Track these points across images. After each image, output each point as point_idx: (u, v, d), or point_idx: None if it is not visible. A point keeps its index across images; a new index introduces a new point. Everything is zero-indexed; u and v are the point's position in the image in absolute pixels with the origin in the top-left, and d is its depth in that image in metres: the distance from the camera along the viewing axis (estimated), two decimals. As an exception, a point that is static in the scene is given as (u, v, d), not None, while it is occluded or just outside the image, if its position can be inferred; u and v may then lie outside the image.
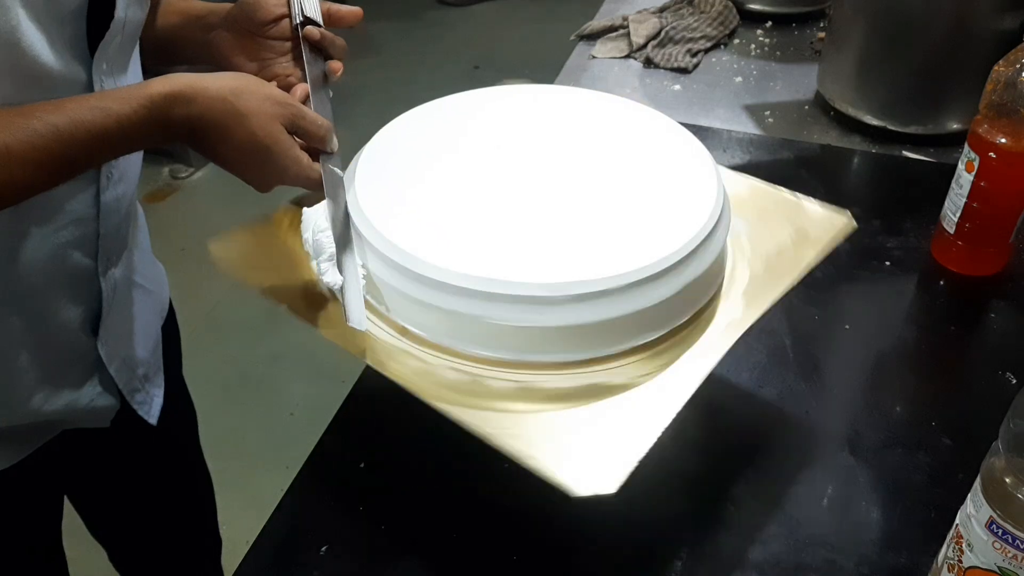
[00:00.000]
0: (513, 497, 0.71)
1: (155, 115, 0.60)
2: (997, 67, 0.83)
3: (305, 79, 0.74)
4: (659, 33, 1.35)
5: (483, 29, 3.43)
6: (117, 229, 0.74)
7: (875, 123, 1.14)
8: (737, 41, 1.39)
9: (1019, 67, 0.81)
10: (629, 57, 1.34)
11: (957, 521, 0.57)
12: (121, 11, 0.65)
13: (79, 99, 0.59)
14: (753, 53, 1.35)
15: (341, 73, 0.75)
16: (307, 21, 0.75)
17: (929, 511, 0.69)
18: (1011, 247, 0.92)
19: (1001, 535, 0.52)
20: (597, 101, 0.81)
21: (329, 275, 0.65)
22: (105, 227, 0.72)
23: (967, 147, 0.87)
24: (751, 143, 1.14)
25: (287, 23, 0.76)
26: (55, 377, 0.74)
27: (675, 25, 1.36)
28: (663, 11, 1.42)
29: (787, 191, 0.79)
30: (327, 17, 0.76)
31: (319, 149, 0.68)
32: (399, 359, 0.64)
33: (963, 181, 0.88)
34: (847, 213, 0.74)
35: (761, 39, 1.38)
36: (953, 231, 0.91)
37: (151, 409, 0.85)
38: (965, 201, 0.88)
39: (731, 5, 1.40)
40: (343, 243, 0.66)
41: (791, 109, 1.22)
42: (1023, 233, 0.91)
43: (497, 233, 0.65)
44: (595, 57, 1.34)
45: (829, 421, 0.78)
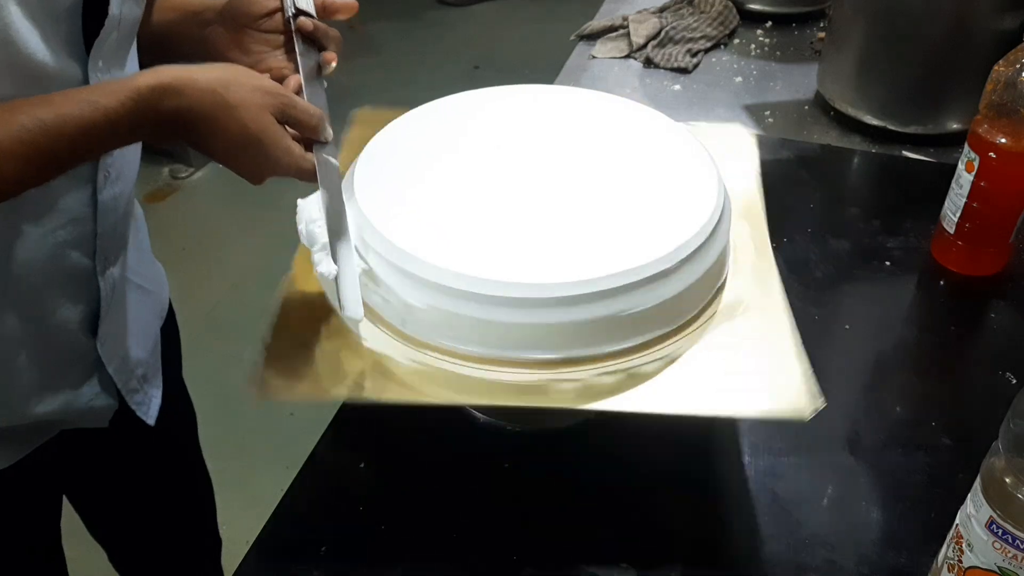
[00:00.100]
0: (513, 497, 0.71)
1: (142, 108, 0.59)
2: (997, 67, 0.83)
3: (299, 71, 0.73)
4: (659, 33, 1.34)
5: (483, 29, 3.43)
6: (115, 228, 0.74)
7: (875, 123, 1.14)
8: (737, 41, 1.39)
9: (1019, 67, 0.81)
10: (629, 57, 1.34)
11: (957, 521, 0.57)
12: (115, 8, 0.65)
13: (67, 93, 0.59)
14: (753, 53, 1.35)
15: (335, 64, 0.74)
16: (300, 13, 0.74)
17: (929, 511, 0.69)
18: (1011, 247, 0.92)
19: (1001, 535, 0.52)
20: (597, 101, 0.81)
21: (323, 265, 0.64)
22: (103, 226, 0.72)
23: (967, 147, 0.87)
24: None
25: (280, 16, 0.75)
26: (54, 377, 0.74)
27: (675, 25, 1.36)
28: (663, 11, 1.42)
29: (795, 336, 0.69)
30: (320, 9, 0.75)
31: (312, 139, 0.67)
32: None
33: (963, 181, 0.88)
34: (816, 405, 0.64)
35: (761, 39, 1.38)
36: (953, 231, 0.91)
37: (149, 410, 0.85)
38: (965, 201, 0.88)
39: (731, 5, 1.40)
40: (337, 232, 0.65)
41: (791, 109, 1.22)
42: (1023, 233, 0.91)
43: (497, 233, 0.65)
44: (595, 57, 1.34)
45: (829, 421, 0.78)
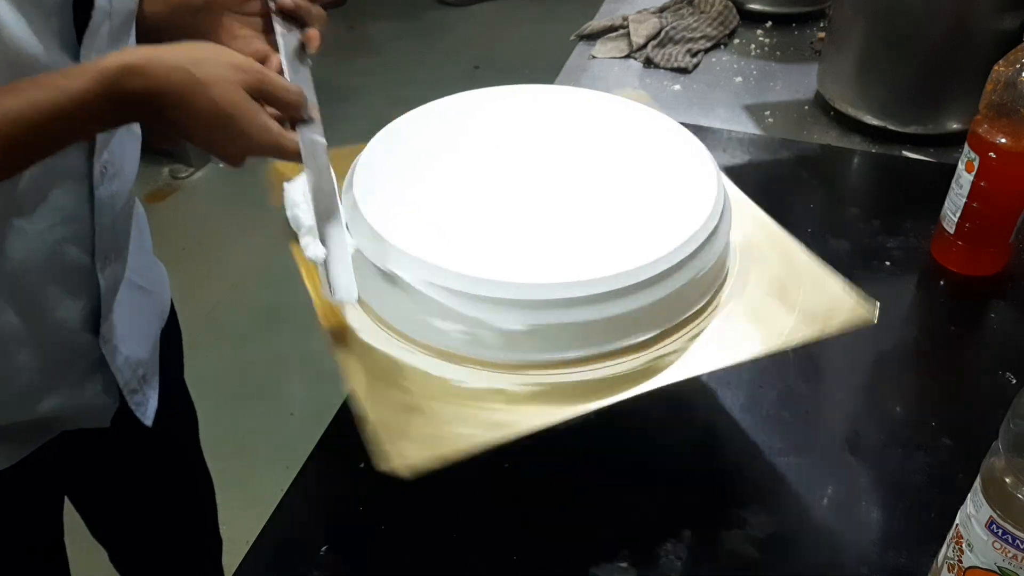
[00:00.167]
0: (513, 497, 0.71)
1: (109, 90, 0.57)
2: (997, 67, 0.83)
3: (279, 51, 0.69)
4: (659, 33, 1.35)
5: (483, 29, 3.43)
6: (113, 225, 0.74)
7: (875, 123, 1.14)
8: (737, 41, 1.39)
9: (1019, 67, 0.81)
10: (629, 57, 1.34)
11: (957, 521, 0.57)
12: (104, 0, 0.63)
13: (35, 79, 0.58)
14: (753, 53, 1.35)
15: (319, 43, 0.70)
16: None
17: (929, 511, 0.69)
18: (1011, 247, 0.92)
19: (1001, 535, 0.52)
20: (597, 101, 0.81)
21: (311, 249, 0.62)
22: (101, 223, 0.71)
23: (967, 147, 0.87)
24: (751, 143, 1.14)
25: None
26: (55, 374, 0.74)
27: (675, 25, 1.36)
28: (663, 11, 1.42)
29: (817, 261, 0.70)
30: None
31: (295, 118, 0.64)
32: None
33: (963, 181, 0.88)
34: (875, 306, 0.65)
35: (761, 39, 1.38)
36: (953, 231, 0.91)
37: (147, 411, 0.84)
38: (965, 201, 0.88)
39: (731, 5, 1.40)
40: (326, 213, 0.64)
41: (791, 109, 1.22)
42: (1023, 233, 0.91)
43: (497, 234, 0.65)
44: (595, 57, 1.34)
45: (829, 421, 0.78)
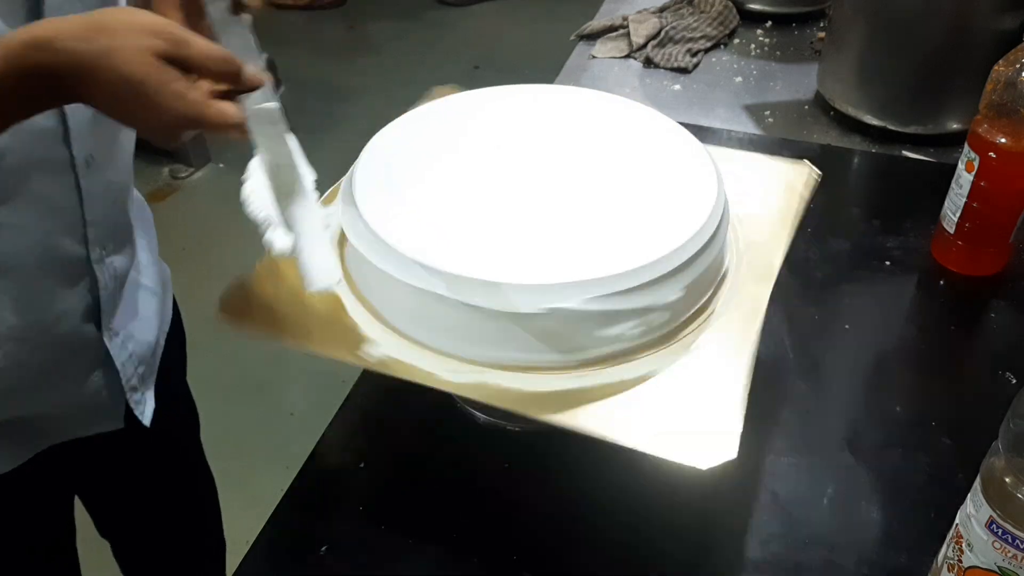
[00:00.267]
0: (513, 497, 0.71)
1: (15, 68, 0.52)
2: (997, 67, 0.83)
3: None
4: (659, 33, 1.35)
5: (483, 29, 3.43)
6: (107, 216, 0.72)
7: (875, 123, 1.14)
8: (737, 41, 1.39)
9: (1019, 67, 0.81)
10: (629, 57, 1.34)
11: (957, 521, 0.57)
12: None
13: None
14: (753, 53, 1.35)
15: (260, 2, 0.61)
16: None
17: (929, 511, 0.69)
18: (1011, 247, 0.92)
19: (1001, 535, 0.52)
20: (597, 101, 0.81)
21: (277, 242, 0.55)
22: (92, 214, 0.70)
23: (967, 147, 0.87)
24: (751, 143, 1.14)
25: None
26: (56, 370, 0.74)
27: (675, 25, 1.36)
28: (663, 11, 1.42)
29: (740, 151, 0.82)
30: None
31: (231, 86, 0.56)
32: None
33: (963, 181, 0.88)
34: (806, 163, 0.78)
35: (761, 39, 1.38)
36: (953, 231, 0.91)
37: (145, 410, 0.84)
38: (965, 201, 0.88)
39: (731, 5, 1.40)
40: (287, 191, 0.57)
41: (791, 109, 1.22)
42: (1023, 233, 0.91)
43: (497, 234, 0.65)
44: (595, 57, 1.34)
45: (829, 421, 0.78)
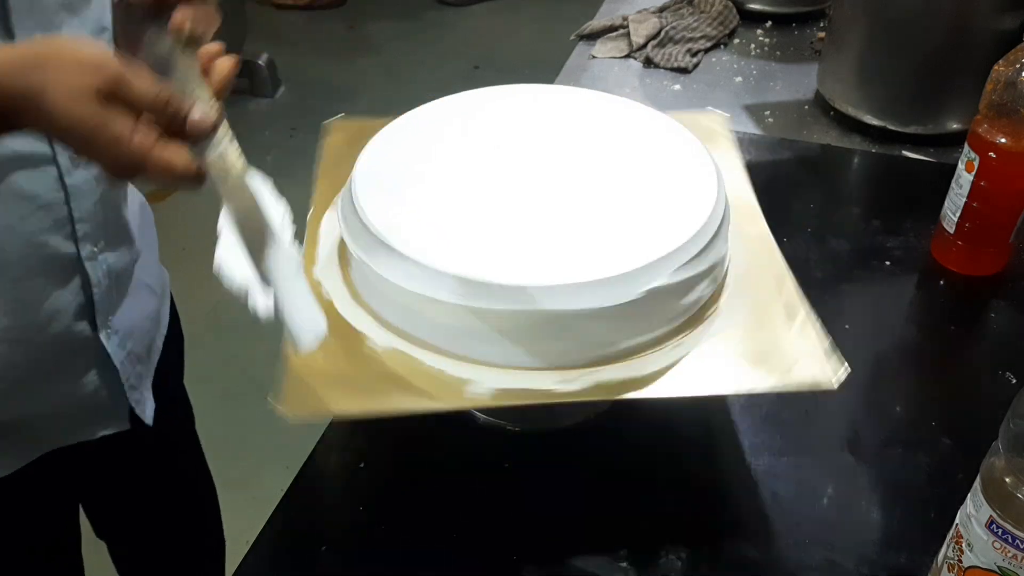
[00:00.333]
0: (513, 497, 0.71)
1: None
2: (997, 67, 0.83)
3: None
4: (659, 33, 1.34)
5: (483, 29, 3.43)
6: (95, 213, 0.71)
7: (875, 123, 1.14)
8: (737, 41, 1.39)
9: (1019, 67, 0.81)
10: (629, 57, 1.34)
11: (957, 521, 0.57)
12: None
13: None
14: (753, 53, 1.35)
15: (204, 23, 0.54)
16: None
17: (929, 511, 0.68)
18: (1011, 247, 0.92)
19: (1001, 535, 0.52)
20: (597, 101, 0.81)
21: (259, 305, 0.51)
22: (79, 210, 0.69)
23: (967, 147, 0.87)
24: (751, 143, 1.14)
25: None
26: (52, 369, 0.73)
27: (675, 25, 1.36)
28: (663, 11, 1.42)
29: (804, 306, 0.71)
30: None
31: (175, 128, 0.49)
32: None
33: (963, 181, 0.88)
34: (843, 369, 0.67)
35: (761, 39, 1.38)
36: (953, 231, 0.91)
37: (145, 409, 0.84)
38: (965, 201, 0.88)
39: (731, 5, 1.40)
40: (259, 244, 0.52)
41: (791, 109, 1.22)
42: (1023, 233, 0.91)
43: (497, 234, 0.65)
44: (595, 57, 1.34)
45: (829, 421, 0.78)
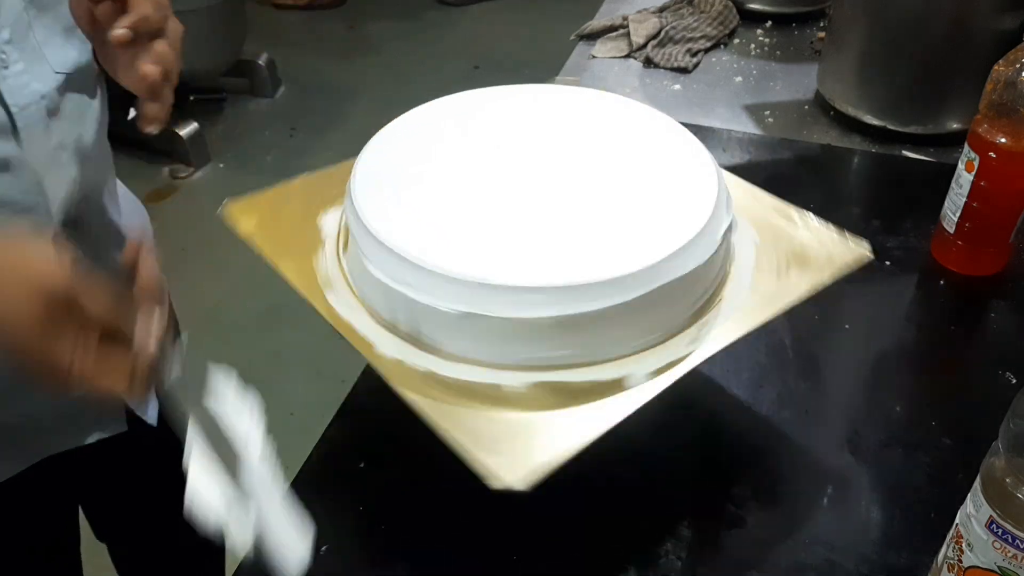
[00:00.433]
0: (513, 497, 0.71)
1: None
2: (997, 67, 0.83)
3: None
4: (659, 33, 1.35)
5: (483, 29, 3.43)
6: (79, 217, 0.71)
7: (875, 123, 1.14)
8: (737, 41, 1.39)
9: (1019, 67, 0.81)
10: (629, 57, 1.34)
11: (957, 521, 0.57)
12: None
13: None
14: (753, 53, 1.35)
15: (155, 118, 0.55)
16: None
17: (929, 511, 0.69)
18: (1011, 247, 0.92)
19: (1001, 535, 0.52)
20: (597, 101, 0.81)
21: (241, 535, 0.49)
22: (61, 214, 0.68)
23: (967, 147, 0.87)
24: (751, 143, 1.14)
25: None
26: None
27: (675, 25, 1.36)
28: (663, 11, 1.42)
29: (794, 208, 0.74)
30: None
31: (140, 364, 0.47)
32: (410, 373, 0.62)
33: (963, 181, 0.88)
34: (865, 244, 0.69)
35: (761, 39, 1.38)
36: (953, 231, 0.91)
37: (147, 409, 0.84)
38: (965, 201, 0.88)
39: (731, 5, 1.40)
40: (232, 462, 0.49)
41: (791, 109, 1.22)
42: (1023, 233, 0.91)
43: (497, 234, 0.65)
44: (595, 57, 1.34)
45: (829, 421, 0.78)
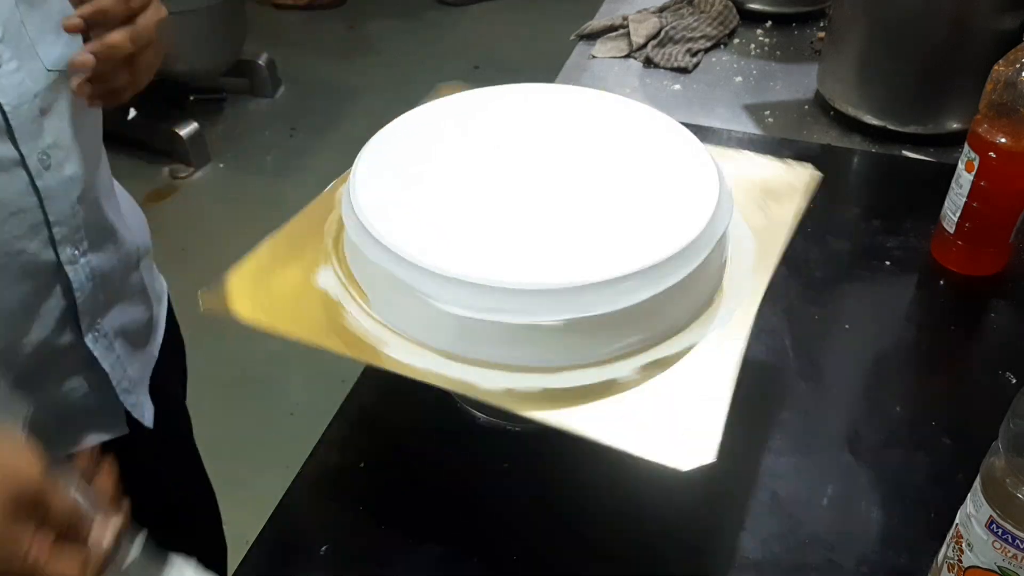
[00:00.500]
0: (514, 497, 0.71)
1: None
2: (997, 67, 0.83)
3: None
4: (659, 33, 1.35)
5: (483, 29, 3.43)
6: (74, 214, 0.70)
7: (875, 123, 1.14)
8: (737, 41, 1.39)
9: (1019, 67, 0.81)
10: (629, 57, 1.34)
11: (957, 521, 0.57)
12: None
13: None
14: (753, 53, 1.35)
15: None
16: None
17: (929, 511, 0.69)
18: (1011, 247, 0.92)
19: (1001, 535, 0.52)
20: (597, 101, 0.81)
21: None
22: (55, 214, 0.67)
23: (967, 147, 0.87)
24: (751, 143, 1.14)
25: None
26: (35, 376, 0.72)
27: (675, 25, 1.36)
28: (663, 11, 1.42)
29: (742, 152, 0.80)
30: None
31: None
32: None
33: (963, 181, 0.88)
34: (809, 166, 0.77)
35: (761, 39, 1.38)
36: (953, 231, 0.91)
37: (144, 412, 0.83)
38: (965, 201, 0.88)
39: (731, 5, 1.40)
40: None
41: (791, 109, 1.22)
42: (1023, 233, 0.91)
43: (497, 234, 0.65)
44: (595, 57, 1.34)
45: (829, 421, 0.78)
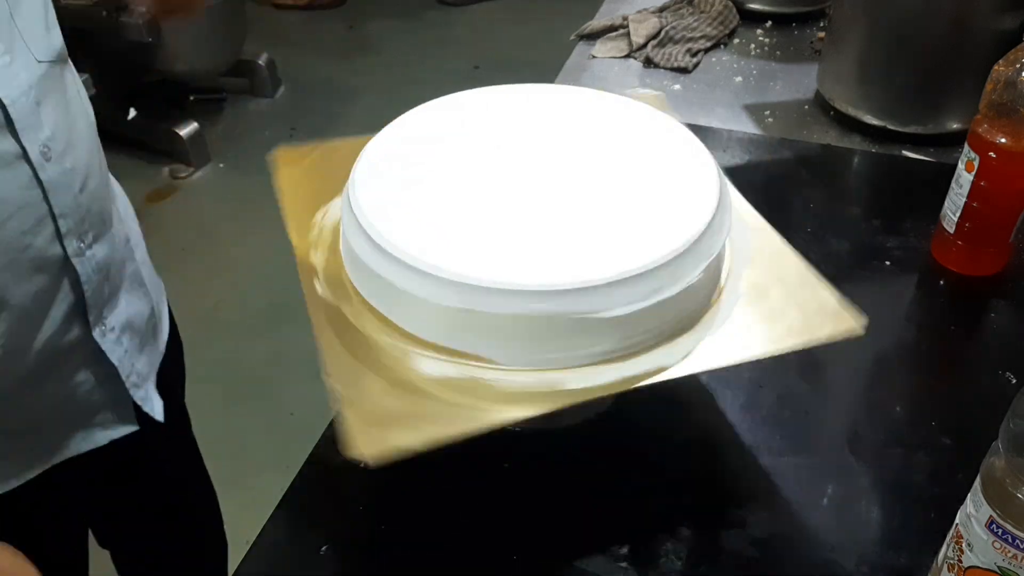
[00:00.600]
0: (513, 497, 0.71)
1: None
2: (997, 67, 0.83)
3: None
4: (659, 33, 1.35)
5: (483, 29, 3.43)
6: (78, 205, 0.69)
7: (875, 123, 1.14)
8: (737, 41, 1.39)
9: (1019, 67, 0.81)
10: (629, 57, 1.34)
11: (957, 521, 0.57)
12: None
13: None
14: (753, 53, 1.35)
15: None
16: None
17: (929, 511, 0.69)
18: (1011, 247, 0.92)
19: (1001, 535, 0.52)
20: (597, 101, 0.81)
21: None
22: (60, 206, 0.67)
23: (967, 147, 0.87)
24: (751, 143, 1.14)
25: None
26: (44, 372, 0.72)
27: (675, 25, 1.36)
28: (663, 11, 1.42)
29: (811, 270, 0.71)
30: None
31: None
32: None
33: (963, 181, 0.88)
34: (862, 321, 0.65)
35: (761, 39, 1.38)
36: (953, 231, 0.91)
37: (154, 406, 0.83)
38: (965, 201, 0.88)
39: (731, 5, 1.40)
40: None
41: (791, 109, 1.22)
42: (1023, 233, 0.91)
43: (497, 234, 0.65)
44: (595, 57, 1.34)
45: (829, 421, 0.78)
